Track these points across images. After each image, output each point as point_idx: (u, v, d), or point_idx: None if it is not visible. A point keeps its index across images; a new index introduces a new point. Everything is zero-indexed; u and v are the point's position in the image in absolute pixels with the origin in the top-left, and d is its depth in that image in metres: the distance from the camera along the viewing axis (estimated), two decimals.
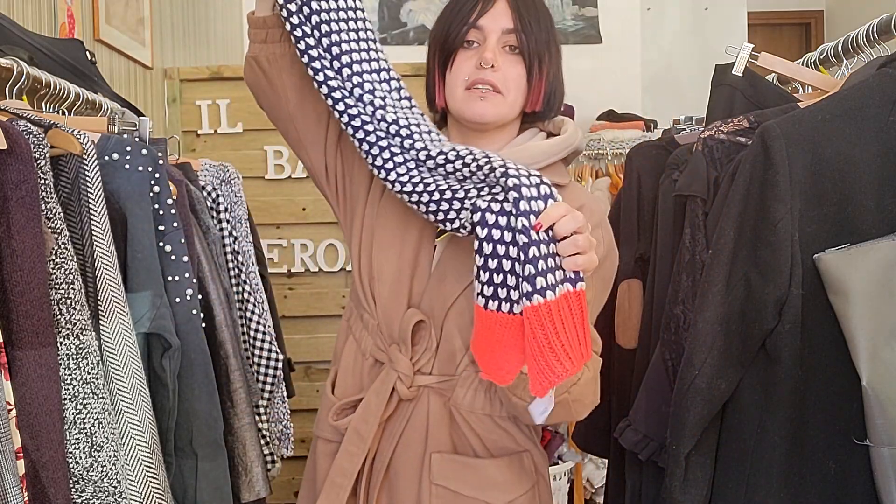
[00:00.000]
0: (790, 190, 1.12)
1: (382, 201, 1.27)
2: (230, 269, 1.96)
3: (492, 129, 1.26)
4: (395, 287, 1.23)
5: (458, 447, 1.22)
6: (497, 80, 1.21)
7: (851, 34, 1.45)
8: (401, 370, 1.20)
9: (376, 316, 1.24)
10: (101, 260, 1.19)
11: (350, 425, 1.23)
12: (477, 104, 1.22)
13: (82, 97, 1.57)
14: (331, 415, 1.26)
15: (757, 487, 1.17)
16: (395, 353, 1.21)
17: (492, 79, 1.21)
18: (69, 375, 1.09)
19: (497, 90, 1.22)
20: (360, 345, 1.27)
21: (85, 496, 1.08)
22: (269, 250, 2.97)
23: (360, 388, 1.26)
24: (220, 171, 2.07)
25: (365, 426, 1.21)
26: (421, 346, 1.21)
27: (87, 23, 2.29)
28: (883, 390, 1.08)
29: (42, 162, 1.10)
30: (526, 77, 1.24)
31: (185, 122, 3.01)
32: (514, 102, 1.24)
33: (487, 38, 1.22)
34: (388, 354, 1.22)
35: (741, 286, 1.16)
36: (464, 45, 1.23)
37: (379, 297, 1.24)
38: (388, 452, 1.23)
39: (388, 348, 1.22)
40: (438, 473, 1.20)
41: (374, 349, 1.24)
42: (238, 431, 1.62)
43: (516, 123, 1.29)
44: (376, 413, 1.21)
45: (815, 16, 5.43)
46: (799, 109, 1.25)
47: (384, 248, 1.25)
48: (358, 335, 1.27)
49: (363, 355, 1.26)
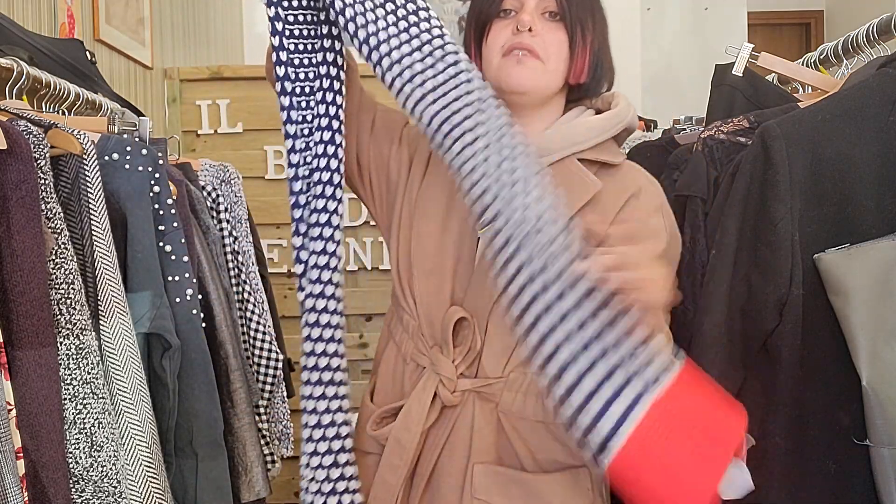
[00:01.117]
0: (790, 190, 1.12)
1: (421, 190, 1.19)
2: (230, 269, 1.96)
3: (534, 105, 1.16)
4: (435, 283, 1.14)
5: (505, 458, 1.12)
6: (536, 45, 1.11)
7: (851, 34, 1.45)
8: (443, 373, 1.11)
9: (416, 316, 1.16)
10: (101, 260, 1.19)
11: (391, 435, 1.13)
12: (514, 70, 1.12)
13: (82, 97, 1.57)
14: (370, 424, 1.16)
15: (757, 487, 1.17)
16: (436, 356, 1.12)
17: (529, 43, 1.11)
18: (69, 375, 1.09)
19: (536, 55, 1.12)
20: (400, 349, 1.19)
21: (85, 496, 1.08)
22: (269, 250, 2.96)
23: (400, 396, 1.17)
24: (220, 171, 2.07)
25: (407, 435, 1.12)
26: (464, 347, 1.12)
27: (87, 23, 2.29)
28: (883, 390, 1.08)
29: (42, 162, 1.10)
30: (568, 44, 1.13)
31: (185, 122, 3.01)
32: (555, 71, 1.13)
33: (525, 3, 1.13)
34: (429, 357, 1.14)
35: (742, 286, 1.17)
36: (500, 14, 1.15)
37: (418, 294, 1.15)
38: (431, 462, 1.14)
39: (430, 351, 1.14)
40: (480, 486, 1.10)
41: (415, 353, 1.16)
42: (238, 431, 1.62)
43: (560, 99, 1.19)
44: (418, 421, 1.11)
45: (815, 16, 5.42)
46: (799, 109, 1.25)
47: (423, 241, 1.16)
48: (398, 339, 1.19)
49: (404, 360, 1.18)
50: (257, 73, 3.03)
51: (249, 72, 3.06)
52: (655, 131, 3.31)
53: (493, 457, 1.12)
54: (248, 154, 3.00)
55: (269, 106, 2.94)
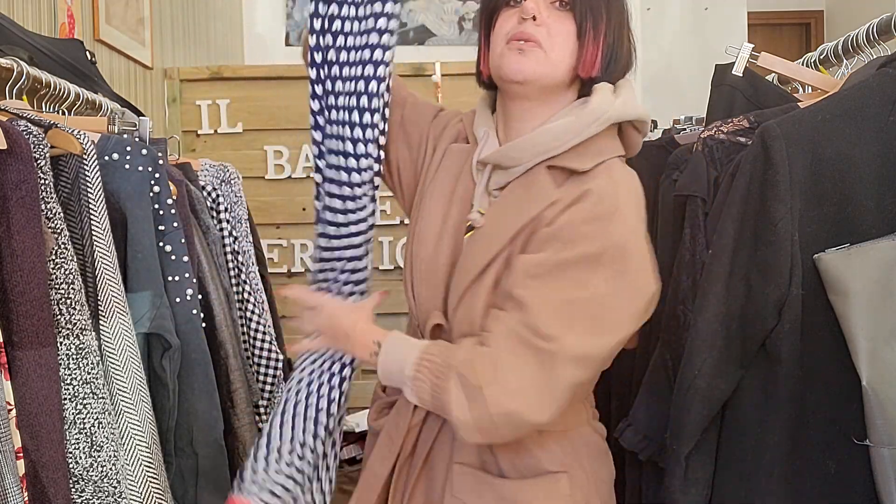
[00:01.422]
0: (790, 190, 1.12)
1: (427, 188, 1.20)
2: (230, 269, 1.96)
3: (538, 96, 1.12)
4: (429, 286, 1.15)
5: (486, 460, 1.13)
6: (539, 34, 1.08)
7: (851, 34, 1.45)
8: None
9: (416, 316, 1.18)
10: (101, 260, 1.19)
11: (384, 427, 1.19)
12: (514, 58, 1.09)
13: (82, 97, 1.57)
14: (370, 414, 1.24)
15: (757, 487, 1.17)
16: None
17: (532, 31, 1.08)
18: (69, 375, 1.09)
19: (538, 44, 1.08)
20: None
21: (85, 496, 1.08)
22: (269, 250, 2.96)
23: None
24: (220, 171, 2.07)
25: (395, 430, 1.17)
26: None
27: (87, 23, 2.29)
28: (883, 390, 1.08)
29: (42, 162, 1.10)
30: (576, 35, 1.09)
31: (185, 122, 3.01)
32: (558, 62, 1.09)
33: None
34: None
35: (741, 286, 1.16)
36: (509, 3, 1.12)
37: (417, 296, 1.17)
38: (422, 457, 1.16)
39: None
40: (458, 486, 1.13)
41: None
42: (238, 431, 1.62)
43: (570, 94, 1.14)
44: (406, 417, 1.16)
45: (815, 16, 5.42)
46: (799, 109, 1.25)
47: (421, 244, 1.17)
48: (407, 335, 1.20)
49: None
50: (257, 73, 3.03)
51: (249, 72, 3.06)
52: (655, 131, 3.32)
53: (475, 458, 1.13)
54: (248, 154, 3.00)
55: (269, 106, 2.95)
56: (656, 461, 1.40)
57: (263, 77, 2.99)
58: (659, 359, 1.41)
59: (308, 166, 3.02)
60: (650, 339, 1.54)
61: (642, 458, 1.43)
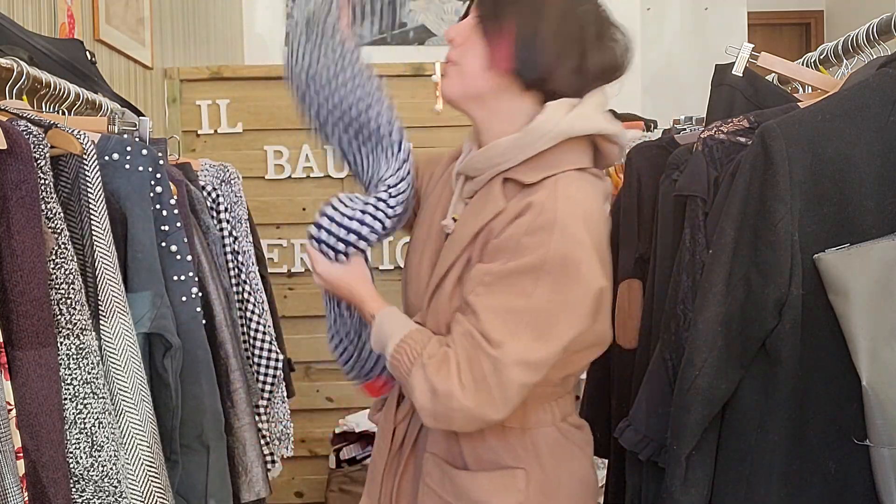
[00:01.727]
0: (790, 190, 1.12)
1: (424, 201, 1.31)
2: (230, 269, 1.96)
3: (478, 111, 1.15)
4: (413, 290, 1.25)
5: (451, 452, 1.21)
6: (453, 54, 1.14)
7: (851, 34, 1.44)
8: None
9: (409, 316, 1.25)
10: (102, 260, 1.19)
11: (380, 421, 1.31)
12: (442, 84, 1.15)
13: (82, 97, 1.57)
14: (371, 409, 1.37)
15: (757, 487, 1.17)
16: None
17: (449, 54, 1.14)
18: (69, 375, 1.09)
19: (453, 62, 1.13)
20: None
21: (85, 496, 1.08)
22: (269, 250, 2.97)
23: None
24: (220, 171, 2.07)
25: (386, 423, 1.28)
26: None
27: (87, 23, 2.29)
28: (883, 390, 1.08)
29: (42, 162, 1.10)
30: (482, 34, 1.11)
31: (185, 122, 3.01)
32: (471, 70, 1.12)
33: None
34: None
35: (741, 286, 1.16)
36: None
37: (406, 300, 1.28)
38: (409, 447, 1.26)
39: None
40: (427, 475, 1.22)
41: None
42: (238, 431, 1.62)
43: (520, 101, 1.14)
44: (392, 411, 1.27)
45: (815, 16, 5.43)
46: (799, 109, 1.25)
47: (413, 251, 1.28)
48: None
49: None
50: (257, 73, 3.03)
51: (249, 72, 3.06)
52: (655, 131, 3.32)
53: (444, 449, 1.21)
54: (248, 154, 3.01)
55: (270, 106, 2.94)
56: (656, 461, 1.40)
57: (263, 77, 2.99)
58: (659, 359, 1.41)
59: (308, 166, 3.02)
60: (650, 339, 1.54)
61: (642, 458, 1.43)
